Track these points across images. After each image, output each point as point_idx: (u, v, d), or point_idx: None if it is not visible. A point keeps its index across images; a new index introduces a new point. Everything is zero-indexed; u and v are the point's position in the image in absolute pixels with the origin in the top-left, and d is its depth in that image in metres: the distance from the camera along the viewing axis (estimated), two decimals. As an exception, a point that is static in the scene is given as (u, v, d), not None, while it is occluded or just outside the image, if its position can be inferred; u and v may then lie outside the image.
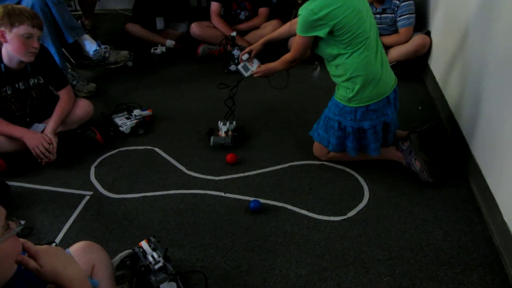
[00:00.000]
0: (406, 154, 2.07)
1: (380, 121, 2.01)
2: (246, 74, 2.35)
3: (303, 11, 1.88)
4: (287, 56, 2.11)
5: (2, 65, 2.10)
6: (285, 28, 2.35)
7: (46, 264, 0.97)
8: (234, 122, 2.42)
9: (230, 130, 2.36)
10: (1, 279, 0.90)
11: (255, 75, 2.28)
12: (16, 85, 2.18)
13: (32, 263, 0.96)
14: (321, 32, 1.88)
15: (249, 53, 2.35)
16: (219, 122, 2.42)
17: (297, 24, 1.96)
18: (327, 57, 2.01)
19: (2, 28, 1.99)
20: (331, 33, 1.88)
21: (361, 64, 1.93)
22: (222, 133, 2.34)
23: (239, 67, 2.37)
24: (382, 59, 2.00)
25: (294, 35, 2.13)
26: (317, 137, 2.17)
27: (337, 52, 1.93)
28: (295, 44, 2.02)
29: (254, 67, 2.34)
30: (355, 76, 1.94)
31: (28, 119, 2.27)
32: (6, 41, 2.02)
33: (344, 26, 1.86)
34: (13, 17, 1.97)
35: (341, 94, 2.02)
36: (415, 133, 2.08)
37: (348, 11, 1.85)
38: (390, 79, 2.04)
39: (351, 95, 1.97)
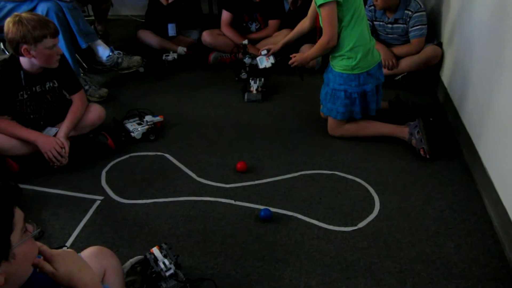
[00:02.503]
0: (412, 127, 2.31)
1: (376, 84, 2.35)
2: (261, 66, 2.75)
3: None
4: (321, 40, 2.28)
5: (21, 72, 2.12)
6: (298, 28, 2.63)
7: (61, 268, 0.98)
8: (262, 79, 2.90)
9: (259, 87, 2.84)
10: (17, 281, 0.91)
11: (292, 65, 2.49)
12: (33, 89, 2.20)
13: (47, 267, 0.97)
14: None
15: (268, 50, 2.73)
16: (250, 80, 2.91)
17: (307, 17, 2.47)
18: None
19: (26, 46, 2.01)
20: (340, 5, 2.15)
21: (361, 34, 2.25)
22: (253, 90, 2.83)
23: (257, 58, 2.79)
24: (370, 31, 2.36)
25: (306, 32, 2.58)
26: (326, 111, 2.42)
27: (342, 25, 2.21)
28: (324, 21, 2.21)
29: (269, 63, 2.75)
30: (357, 45, 2.24)
31: (42, 122, 2.29)
32: (32, 57, 2.05)
33: None
34: (34, 33, 1.99)
35: (344, 64, 2.28)
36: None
37: None
38: (376, 49, 2.37)
39: (354, 63, 2.25)
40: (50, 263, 0.98)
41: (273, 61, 2.74)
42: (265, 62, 2.73)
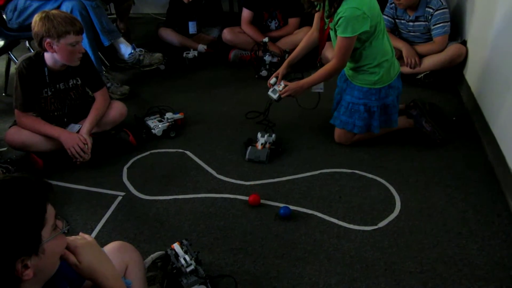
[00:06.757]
0: (417, 118, 2.34)
1: (396, 94, 2.26)
2: (275, 97, 2.34)
3: (345, 12, 1.98)
4: (330, 66, 2.15)
5: (45, 69, 2.17)
6: (303, 44, 2.43)
7: (84, 260, 1.01)
8: (273, 135, 2.36)
9: (268, 143, 2.31)
10: (45, 275, 0.93)
11: (283, 95, 2.30)
12: (57, 86, 2.25)
13: (72, 258, 1.00)
14: (367, 25, 2.01)
15: (277, 77, 2.40)
16: (259, 133, 2.37)
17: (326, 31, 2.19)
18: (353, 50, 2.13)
19: (49, 40, 2.05)
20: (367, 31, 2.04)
21: (385, 49, 2.16)
22: (259, 145, 2.30)
23: (269, 92, 2.37)
24: (391, 43, 2.25)
25: (315, 45, 2.36)
26: (340, 124, 2.31)
27: (365, 44, 2.10)
28: (340, 48, 2.09)
29: (281, 88, 2.32)
30: (383, 61, 2.15)
31: (65, 119, 2.33)
32: (54, 51, 2.09)
33: (374, 16, 2.04)
34: (58, 28, 2.03)
35: (366, 79, 2.19)
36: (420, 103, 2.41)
37: (373, 0, 2.05)
38: (395, 59, 2.27)
39: (376, 78, 2.17)
40: (75, 255, 1.00)
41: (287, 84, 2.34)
42: (278, 90, 2.32)
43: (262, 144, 2.30)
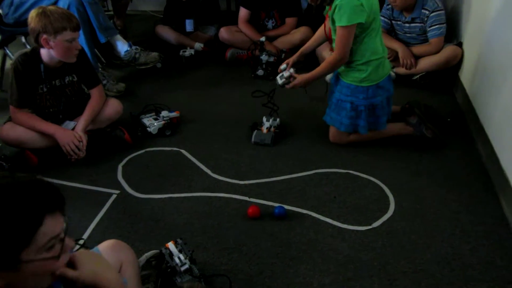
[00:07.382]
0: (417, 126, 2.31)
1: (386, 95, 2.24)
2: (280, 82, 2.37)
3: (343, 0, 1.99)
4: (331, 58, 2.18)
5: (41, 65, 2.16)
6: (317, 34, 2.45)
7: (85, 268, 0.97)
8: (278, 119, 2.48)
9: (272, 127, 2.43)
10: None
11: (288, 87, 2.33)
12: (53, 82, 2.24)
13: (70, 273, 0.93)
14: (363, 17, 2.02)
15: (288, 63, 2.42)
16: (264, 117, 2.49)
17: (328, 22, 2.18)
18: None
19: (45, 36, 2.04)
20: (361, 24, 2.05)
21: (375, 47, 2.15)
22: (264, 129, 2.41)
23: (277, 77, 2.40)
24: (383, 43, 2.24)
25: (327, 39, 2.33)
26: (329, 120, 2.34)
27: (357, 40, 2.10)
28: (340, 39, 2.10)
29: (288, 75, 2.36)
30: (371, 59, 2.15)
31: (60, 116, 2.32)
32: (50, 48, 2.08)
33: (372, 11, 2.04)
34: (55, 24, 2.02)
35: (354, 76, 2.19)
36: (417, 108, 2.37)
37: None
38: (387, 60, 2.28)
39: (364, 75, 2.16)
40: (74, 264, 0.96)
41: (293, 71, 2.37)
42: (283, 78, 2.36)
43: (267, 128, 2.42)
